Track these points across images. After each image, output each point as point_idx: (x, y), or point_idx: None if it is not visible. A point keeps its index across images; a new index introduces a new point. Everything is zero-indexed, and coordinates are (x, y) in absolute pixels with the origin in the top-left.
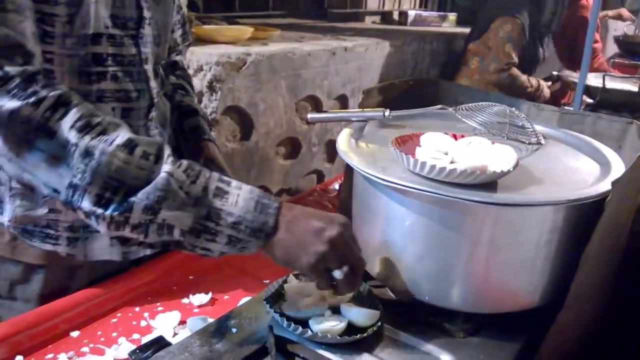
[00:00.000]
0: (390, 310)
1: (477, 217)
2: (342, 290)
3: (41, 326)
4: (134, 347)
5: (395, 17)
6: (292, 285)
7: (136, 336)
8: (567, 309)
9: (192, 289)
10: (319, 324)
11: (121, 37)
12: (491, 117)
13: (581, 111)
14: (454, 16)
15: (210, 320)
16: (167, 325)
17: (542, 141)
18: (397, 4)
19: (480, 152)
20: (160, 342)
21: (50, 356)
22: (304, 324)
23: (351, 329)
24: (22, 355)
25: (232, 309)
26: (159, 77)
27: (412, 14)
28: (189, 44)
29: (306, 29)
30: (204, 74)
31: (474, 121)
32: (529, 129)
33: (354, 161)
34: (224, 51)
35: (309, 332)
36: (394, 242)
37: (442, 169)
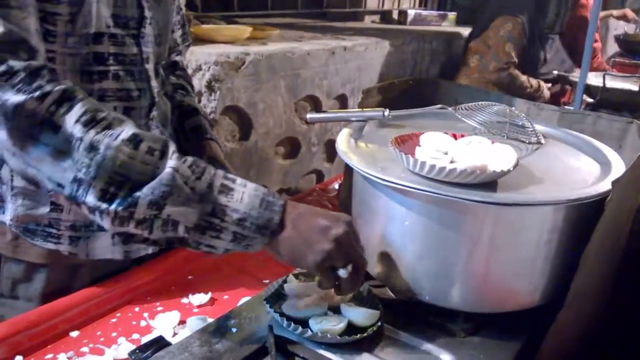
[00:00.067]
0: (390, 310)
1: (477, 216)
2: (345, 289)
3: (41, 326)
4: (134, 347)
5: (394, 16)
6: (292, 285)
7: (136, 336)
8: (567, 308)
9: (191, 288)
10: (319, 324)
11: (122, 37)
12: (491, 117)
13: (581, 110)
14: (453, 15)
15: (210, 320)
16: (167, 325)
17: (542, 141)
18: (396, 3)
19: (480, 152)
20: (160, 342)
21: (49, 356)
22: (304, 324)
23: (351, 328)
24: (22, 355)
25: (231, 308)
26: (160, 76)
27: (411, 13)
28: (189, 45)
29: (305, 29)
30: (203, 74)
31: (474, 121)
32: (529, 129)
33: (354, 161)
34: (223, 51)
35: (309, 332)
36: (394, 242)
37: (441, 169)
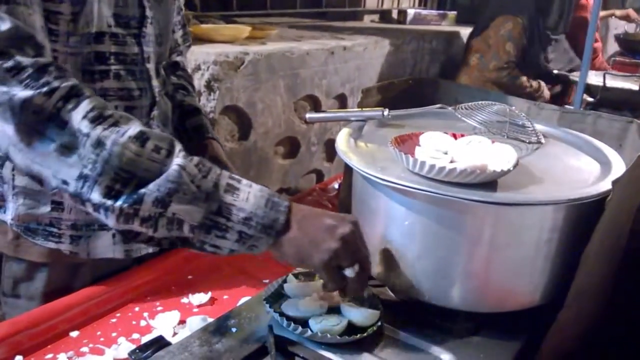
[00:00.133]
0: (390, 310)
1: (477, 216)
2: (352, 291)
3: (41, 326)
4: (134, 347)
5: (394, 15)
6: (292, 285)
7: (136, 336)
8: (568, 308)
9: (191, 288)
10: (319, 324)
11: (124, 36)
12: (491, 116)
13: (581, 110)
14: (453, 14)
15: (209, 320)
16: (167, 325)
17: (542, 140)
18: (396, 2)
19: (480, 152)
20: (160, 342)
21: (49, 356)
22: (304, 323)
23: (351, 328)
24: (22, 355)
25: (231, 308)
26: (161, 76)
27: (411, 12)
28: (190, 45)
29: (304, 28)
30: (202, 74)
31: (474, 120)
32: (529, 128)
33: (353, 161)
34: (222, 50)
35: (309, 332)
36: (394, 242)
37: (441, 169)
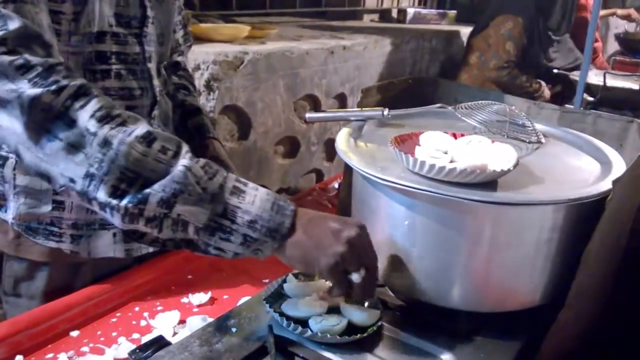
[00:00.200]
0: (390, 310)
1: (477, 216)
2: (358, 296)
3: (41, 326)
4: (134, 346)
5: (393, 15)
6: (292, 285)
7: (136, 336)
8: (568, 307)
9: (191, 288)
10: (318, 324)
11: (125, 36)
12: (491, 116)
13: (582, 109)
14: (453, 14)
15: (209, 319)
16: (167, 324)
17: (543, 140)
18: (395, 1)
19: (480, 151)
20: (160, 342)
21: (50, 356)
22: (304, 323)
23: (351, 328)
24: (22, 355)
25: (231, 308)
26: (162, 76)
27: (411, 11)
28: (191, 45)
29: (304, 28)
30: (201, 73)
31: (474, 120)
32: (529, 128)
33: (353, 161)
34: (221, 50)
35: (309, 332)
36: (394, 242)
37: (441, 168)
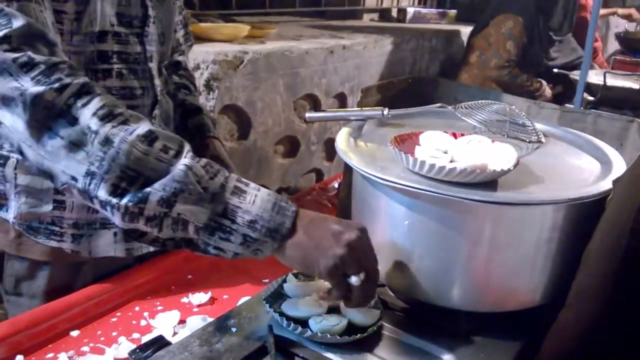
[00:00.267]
0: (390, 310)
1: (477, 216)
2: (357, 300)
3: (41, 325)
4: (134, 346)
5: (393, 14)
6: (292, 284)
7: (136, 335)
8: (568, 307)
9: (191, 288)
10: (318, 324)
11: (126, 35)
12: (491, 115)
13: (582, 109)
14: (453, 13)
15: (209, 319)
16: (167, 324)
17: (543, 139)
18: (395, 1)
19: (480, 151)
20: (160, 342)
21: (50, 355)
22: (304, 323)
23: (351, 328)
24: (23, 354)
25: (231, 308)
26: (163, 75)
27: (410, 11)
28: (191, 45)
29: (304, 27)
30: (201, 73)
31: (474, 119)
32: (530, 127)
33: (353, 160)
34: (221, 49)
35: (309, 332)
36: (394, 242)
37: (441, 168)
